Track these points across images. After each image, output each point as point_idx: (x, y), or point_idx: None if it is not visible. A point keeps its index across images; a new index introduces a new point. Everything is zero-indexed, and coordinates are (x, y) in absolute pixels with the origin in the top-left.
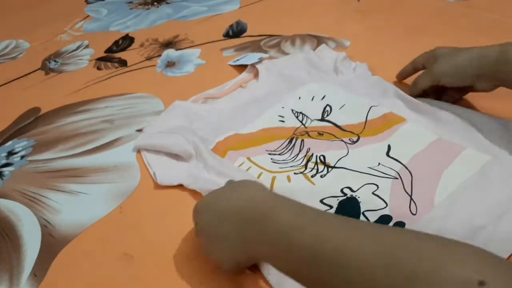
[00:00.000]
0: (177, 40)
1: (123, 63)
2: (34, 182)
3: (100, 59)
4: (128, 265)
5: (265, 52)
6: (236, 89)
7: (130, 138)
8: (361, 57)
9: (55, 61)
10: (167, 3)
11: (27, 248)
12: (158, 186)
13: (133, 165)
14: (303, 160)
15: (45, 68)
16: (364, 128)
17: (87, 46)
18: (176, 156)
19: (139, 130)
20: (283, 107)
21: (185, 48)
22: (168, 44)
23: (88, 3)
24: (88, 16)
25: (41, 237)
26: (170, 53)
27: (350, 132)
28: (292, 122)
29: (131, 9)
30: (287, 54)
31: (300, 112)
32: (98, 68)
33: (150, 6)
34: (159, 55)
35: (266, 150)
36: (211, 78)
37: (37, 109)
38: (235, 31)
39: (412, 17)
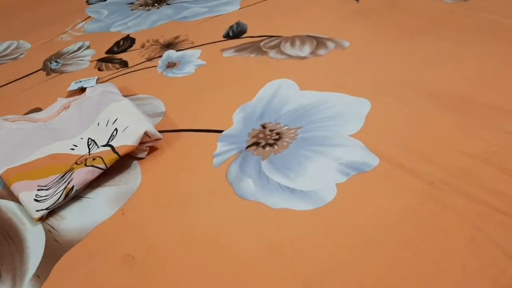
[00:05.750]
0: (177, 41)
1: (124, 64)
2: None
3: (101, 60)
4: (130, 266)
5: (265, 53)
6: (62, 111)
7: None
8: (360, 57)
9: (56, 61)
10: (167, 4)
11: (30, 251)
12: (159, 188)
13: (134, 167)
14: (62, 192)
15: (46, 68)
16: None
17: (88, 47)
18: None
19: None
20: (82, 138)
21: (185, 49)
22: (168, 45)
23: (89, 4)
24: (89, 17)
25: (45, 242)
26: (171, 54)
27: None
28: (81, 150)
29: (131, 10)
30: (287, 54)
31: (93, 140)
32: (99, 69)
33: (150, 7)
34: (160, 56)
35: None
36: (212, 78)
37: (38, 110)
38: (235, 32)
39: (411, 18)
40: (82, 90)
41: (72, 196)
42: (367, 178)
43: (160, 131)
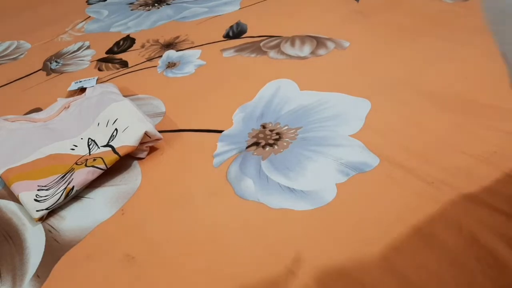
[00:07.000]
0: (177, 41)
1: (124, 64)
2: None
3: (101, 60)
4: (130, 266)
5: (265, 53)
6: (62, 111)
7: None
8: (360, 57)
9: (56, 61)
10: (167, 4)
11: (30, 251)
12: (159, 188)
13: (134, 167)
14: (63, 193)
15: (46, 69)
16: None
17: (88, 47)
18: None
19: None
20: (82, 138)
21: (185, 49)
22: (168, 45)
23: (89, 4)
24: (89, 17)
25: (45, 242)
26: (171, 54)
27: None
28: (82, 150)
29: (132, 10)
30: (287, 54)
31: (93, 140)
32: (100, 69)
33: (150, 7)
34: (160, 56)
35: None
36: (212, 78)
37: (38, 110)
38: (235, 32)
39: (411, 18)
40: (82, 90)
41: (72, 197)
42: (367, 178)
43: (160, 131)
